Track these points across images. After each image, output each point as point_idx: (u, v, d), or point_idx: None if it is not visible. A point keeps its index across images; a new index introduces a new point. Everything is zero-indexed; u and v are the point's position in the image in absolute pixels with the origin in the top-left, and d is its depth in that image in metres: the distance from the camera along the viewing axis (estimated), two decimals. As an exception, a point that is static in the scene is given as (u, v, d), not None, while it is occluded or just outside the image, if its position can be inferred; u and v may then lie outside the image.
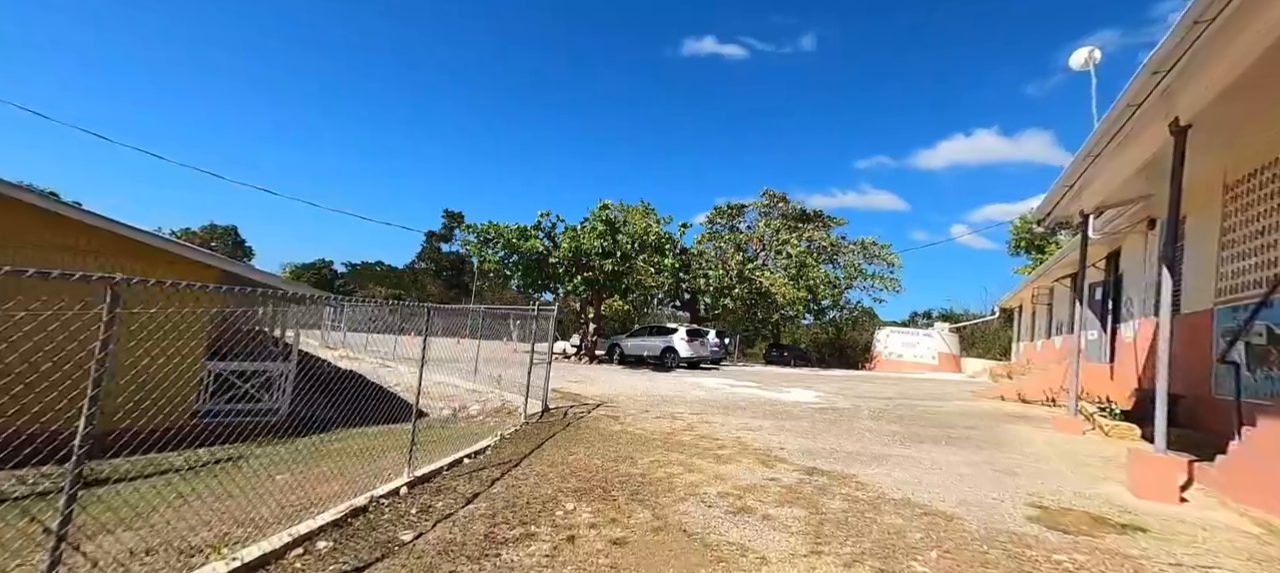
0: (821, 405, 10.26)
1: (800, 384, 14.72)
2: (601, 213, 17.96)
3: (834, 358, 40.74)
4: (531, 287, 19.92)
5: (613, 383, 12.89)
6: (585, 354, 19.72)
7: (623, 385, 12.42)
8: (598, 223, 18.00)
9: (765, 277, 22.92)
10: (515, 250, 18.55)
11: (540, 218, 19.07)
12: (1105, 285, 11.94)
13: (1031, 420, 9.16)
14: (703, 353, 19.71)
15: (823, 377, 18.55)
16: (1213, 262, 7.29)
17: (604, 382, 13.09)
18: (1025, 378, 11.97)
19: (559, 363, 18.57)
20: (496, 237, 18.64)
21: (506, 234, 18.33)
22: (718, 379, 15.30)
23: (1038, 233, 36.32)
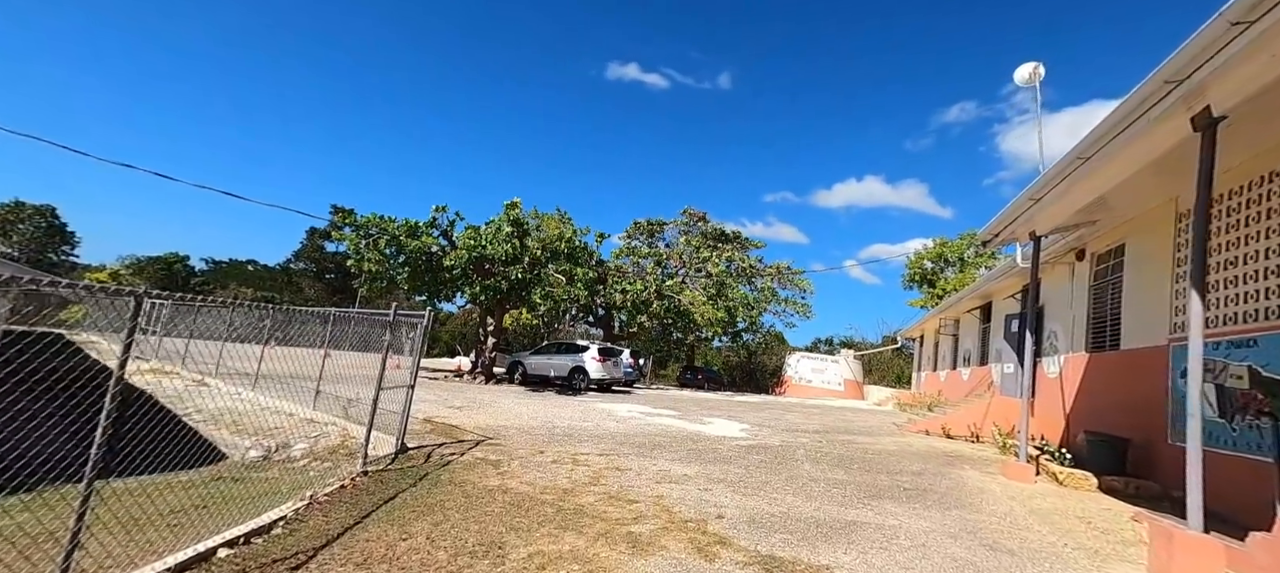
0: (751, 442, 8.82)
1: (721, 413, 13.37)
2: (509, 213, 15.69)
3: (745, 381, 40.81)
4: (419, 291, 17.02)
5: (507, 410, 10.64)
6: (481, 373, 17.09)
7: (518, 413, 10.23)
8: (504, 224, 15.70)
9: (685, 295, 21.79)
10: (402, 249, 15.67)
11: (435, 213, 16.39)
12: (1022, 317, 11.85)
13: (974, 463, 8.32)
14: (616, 374, 17.89)
15: (741, 404, 17.47)
16: (1165, 293, 6.80)
17: (496, 408, 10.80)
18: (952, 412, 11.47)
19: (448, 384, 15.83)
20: (380, 232, 15.65)
21: (392, 229, 15.42)
22: (632, 405, 13.54)
23: (929, 269, 39.25)
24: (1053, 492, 6.53)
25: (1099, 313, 8.72)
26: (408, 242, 15.47)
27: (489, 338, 17.33)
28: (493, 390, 14.79)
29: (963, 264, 38.12)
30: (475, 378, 16.89)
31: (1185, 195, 6.59)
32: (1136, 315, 7.45)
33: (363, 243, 15.65)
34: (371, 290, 17.98)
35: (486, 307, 17.76)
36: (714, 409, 14.12)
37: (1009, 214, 7.41)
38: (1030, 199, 6.54)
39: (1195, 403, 4.04)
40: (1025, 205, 6.81)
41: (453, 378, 17.13)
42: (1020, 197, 6.85)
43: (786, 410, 15.35)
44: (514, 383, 17.76)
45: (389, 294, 17.68)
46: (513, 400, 12.51)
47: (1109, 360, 8.15)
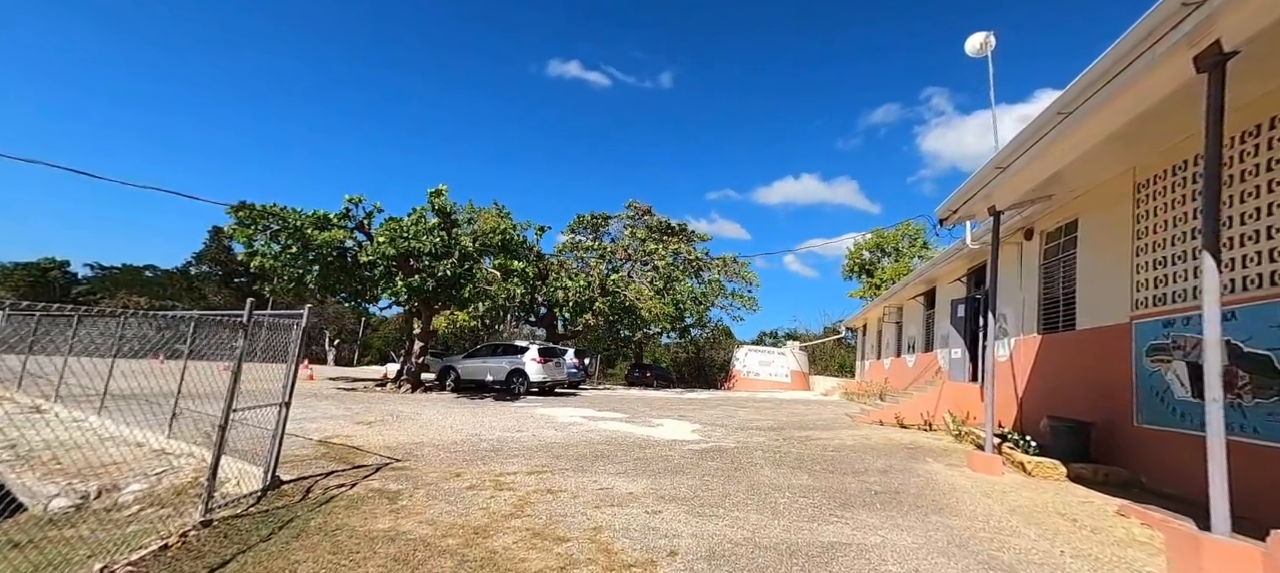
0: (705, 445, 7.98)
1: (671, 412, 12.53)
2: (433, 202, 14.09)
3: (694, 377, 40.51)
4: (334, 293, 15.08)
5: (428, 422, 9.27)
6: (407, 381, 15.39)
7: (441, 426, 8.90)
8: (427, 214, 14.10)
9: (631, 290, 20.86)
10: (308, 244, 13.73)
11: (348, 204, 14.51)
12: (968, 301, 11.77)
13: (936, 454, 7.87)
14: (558, 376, 16.69)
15: (692, 401, 16.75)
16: (1125, 269, 6.51)
17: (416, 421, 9.40)
18: (905, 400, 11.18)
19: (366, 395, 14.09)
20: (280, 225, 13.63)
21: (293, 221, 13.45)
22: (575, 409, 12.43)
23: (867, 259, 40.48)
24: (1024, 484, 6.08)
25: (1050, 293, 8.53)
26: (315, 235, 13.56)
27: (415, 342, 15.63)
28: (418, 400, 13.23)
29: (898, 254, 39.63)
30: (400, 386, 15.18)
31: (1143, 166, 6.31)
32: (1093, 293, 7.20)
33: (259, 237, 13.57)
34: (278, 292, 15.80)
35: (412, 307, 16.05)
36: (663, 409, 13.26)
37: (970, 188, 6.94)
38: (996, 168, 6.04)
39: (1215, 386, 3.49)
40: (990, 176, 6.33)
41: (374, 388, 15.34)
42: (984, 168, 6.36)
43: (738, 406, 14.74)
44: (445, 390, 16.17)
45: (299, 297, 15.58)
46: (438, 410, 11.08)
47: (1064, 341, 7.93)
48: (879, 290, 36.62)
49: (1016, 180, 6.27)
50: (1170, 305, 5.70)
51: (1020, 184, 6.44)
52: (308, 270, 14.48)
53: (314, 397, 12.64)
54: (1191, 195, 5.54)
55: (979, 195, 7.02)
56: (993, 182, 6.36)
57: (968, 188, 6.95)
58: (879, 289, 36.70)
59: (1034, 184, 6.35)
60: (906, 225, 40.36)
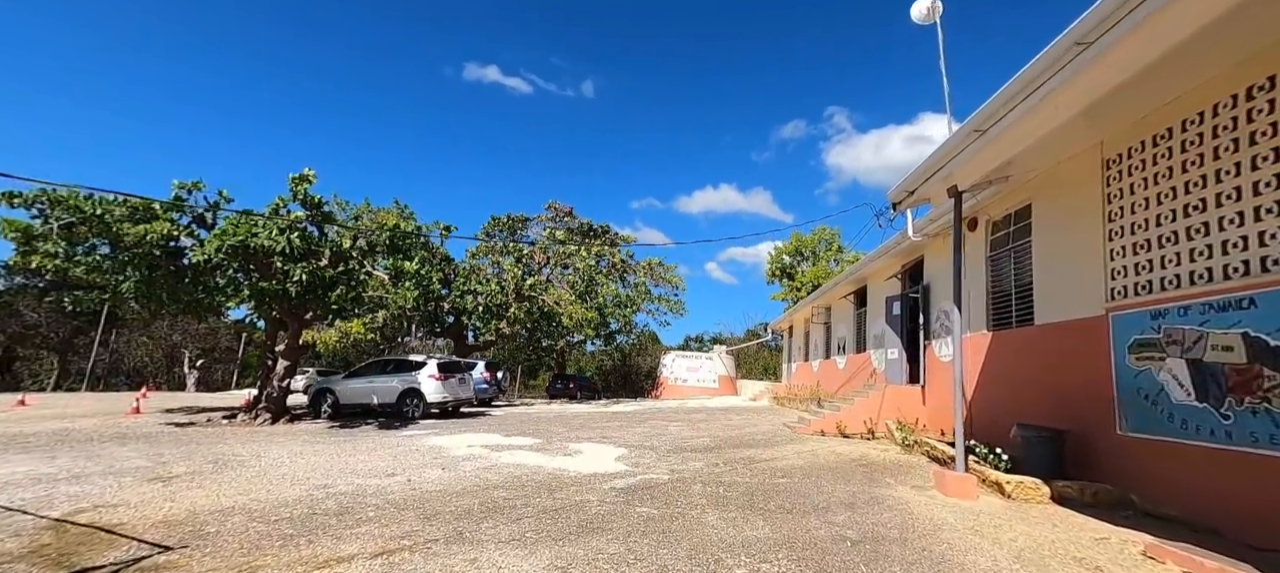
0: (632, 480, 6.41)
1: (593, 432, 10.85)
2: (296, 189, 11.41)
3: (620, 386, 39.02)
4: (159, 302, 11.84)
5: (262, 472, 6.91)
6: (267, 409, 12.45)
7: (278, 476, 6.60)
8: (293, 204, 11.39)
9: (550, 294, 18.97)
10: (117, 240, 10.55)
11: (180, 190, 11.42)
12: (904, 299, 11.23)
13: (895, 473, 6.86)
14: (462, 394, 14.43)
15: (617, 416, 15.15)
16: (1097, 255, 5.80)
17: (246, 470, 6.99)
18: (846, 408, 10.32)
19: (207, 429, 11.10)
20: (76, 216, 10.34)
21: (92, 209, 10.25)
22: (478, 435, 10.39)
23: (788, 263, 41.30)
24: (1010, 512, 5.10)
25: (1000, 286, 7.91)
26: (127, 229, 10.42)
27: (279, 361, 12.70)
28: (274, 435, 10.52)
29: (815, 257, 40.80)
30: (257, 417, 12.21)
31: (1111, 140, 5.63)
32: (1056, 284, 6.53)
33: (41, 229, 10.16)
34: (81, 304, 12.23)
35: (275, 319, 13.11)
36: (585, 428, 11.54)
37: (932, 163, 5.98)
38: (974, 132, 5.05)
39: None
40: (960, 145, 5.35)
41: (223, 421, 12.22)
42: (954, 135, 5.37)
43: (668, 420, 13.35)
44: (320, 418, 13.35)
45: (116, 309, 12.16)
46: (291, 449, 8.61)
47: (1019, 339, 7.26)
48: (800, 293, 37.41)
49: (987, 152, 5.35)
50: (1159, 294, 4.97)
51: (987, 160, 5.54)
52: (121, 275, 11.22)
53: (121, 438, 9.57)
54: (1199, 158, 4.79)
55: (939, 174, 6.09)
56: (963, 153, 5.40)
57: (929, 164, 5.99)
58: (800, 292, 37.49)
59: (1004, 158, 5.46)
60: (822, 230, 41.72)
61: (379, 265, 12.46)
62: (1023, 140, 5.05)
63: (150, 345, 42.26)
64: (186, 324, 41.13)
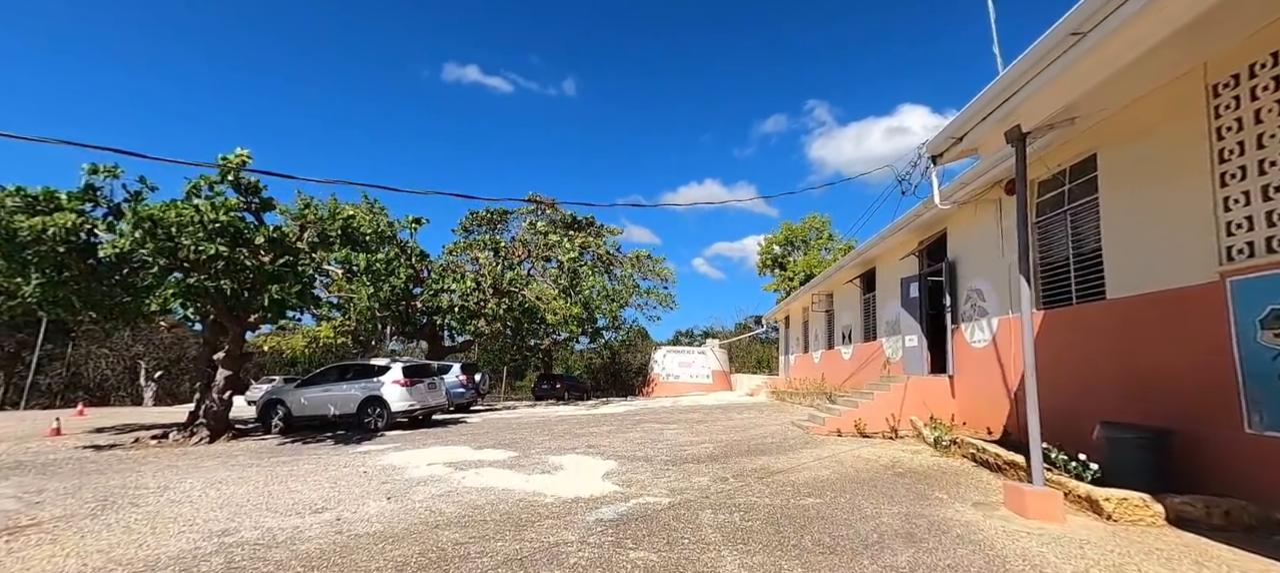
0: (623, 505, 5.09)
1: (579, 440, 9.52)
2: (225, 169, 9.84)
3: (610, 385, 37.69)
4: (66, 306, 10.22)
5: (160, 510, 5.47)
6: (204, 427, 10.89)
7: (176, 518, 5.17)
8: (207, 187, 9.81)
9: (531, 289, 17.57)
10: (11, 235, 8.92)
11: (89, 176, 9.80)
12: (922, 279, 10.05)
13: (942, 483, 5.64)
14: (433, 401, 12.98)
15: (606, 419, 13.81)
16: (1202, 205, 4.60)
17: (128, 512, 5.55)
18: (865, 403, 9.11)
19: (128, 453, 9.54)
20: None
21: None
22: (444, 449, 8.99)
23: (779, 253, 40.27)
24: (1127, 544, 3.87)
25: (1051, 256, 6.72)
26: (21, 222, 8.79)
27: (218, 370, 11.13)
28: (202, 457, 9.02)
29: (806, 246, 39.83)
30: (192, 435, 10.64)
31: (1219, 61, 4.41)
32: (1136, 248, 5.33)
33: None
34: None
35: (214, 323, 11.52)
36: (570, 435, 10.19)
37: (993, 96, 4.73)
38: (1072, 34, 3.78)
39: None
40: (1040, 64, 4.09)
41: (151, 441, 10.63)
42: (1035, 50, 4.11)
43: (663, 422, 12.05)
44: (270, 433, 11.82)
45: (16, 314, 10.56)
46: (209, 478, 7.14)
47: (1083, 317, 6.07)
48: (793, 283, 36.39)
49: (1072, 75, 4.10)
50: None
51: (1074, 81, 4.28)
52: (21, 277, 9.61)
53: (7, 469, 8.02)
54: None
55: (999, 112, 4.84)
56: (1038, 79, 4.14)
57: (989, 96, 4.74)
58: (793, 282, 36.47)
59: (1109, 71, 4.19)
60: (813, 218, 40.76)
61: (331, 260, 10.94)
62: (1127, 51, 3.80)
63: (111, 357, 39.92)
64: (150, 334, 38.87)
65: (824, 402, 11.71)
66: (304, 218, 11.30)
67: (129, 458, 8.99)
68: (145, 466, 8.24)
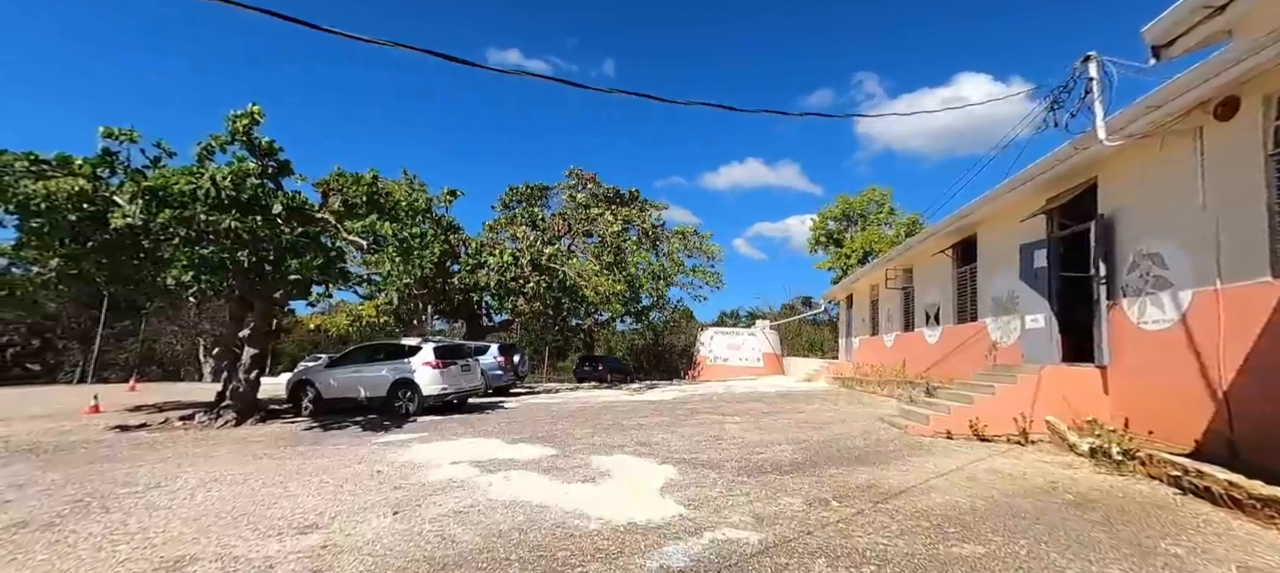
0: (696, 539, 3.67)
1: (626, 432, 8.19)
2: (238, 123, 8.91)
3: (653, 366, 36.47)
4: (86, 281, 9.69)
5: (109, 525, 4.49)
6: (229, 409, 10.27)
7: (124, 533, 4.15)
8: (218, 147, 8.89)
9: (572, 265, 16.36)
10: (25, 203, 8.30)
11: (105, 139, 9.08)
12: (1050, 245, 8.04)
13: (1159, 525, 3.91)
14: (468, 384, 11.98)
15: (655, 407, 12.47)
16: None
17: (97, 519, 4.60)
18: (983, 398, 7.30)
19: (155, 435, 8.93)
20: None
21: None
22: (473, 442, 7.86)
23: (834, 229, 37.57)
24: None
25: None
26: (29, 187, 8.15)
27: (245, 349, 10.47)
28: (219, 443, 8.27)
29: (865, 221, 36.95)
30: (217, 418, 10.03)
31: None
32: None
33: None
34: (16, 290, 10.21)
35: (239, 298, 10.84)
36: (616, 427, 8.88)
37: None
38: None
39: None
40: None
41: (177, 423, 10.08)
42: None
43: (721, 412, 10.56)
44: (300, 417, 11.14)
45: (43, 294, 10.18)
46: (212, 472, 6.23)
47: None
48: (850, 260, 33.79)
49: None
50: None
51: None
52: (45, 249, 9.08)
53: (29, 452, 7.46)
54: None
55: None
56: None
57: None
58: (849, 259, 33.88)
59: None
60: (871, 190, 37.76)
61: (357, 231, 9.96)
62: None
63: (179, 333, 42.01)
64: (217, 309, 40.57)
65: (916, 393, 9.89)
66: (328, 184, 10.34)
67: (145, 443, 8.35)
68: (154, 452, 7.50)
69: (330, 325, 25.88)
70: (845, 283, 20.83)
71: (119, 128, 9.29)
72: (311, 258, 9.32)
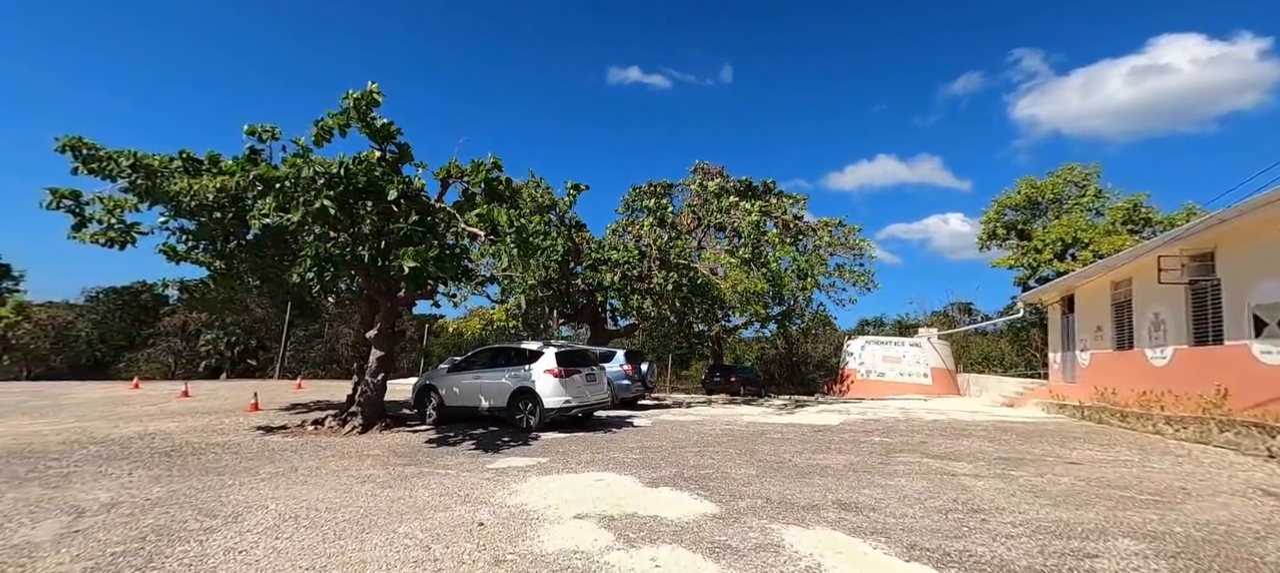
0: None
1: (809, 481, 5.78)
2: (356, 108, 8.22)
3: (786, 378, 32.90)
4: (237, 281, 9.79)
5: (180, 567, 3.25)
6: (356, 414, 9.76)
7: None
8: (336, 126, 8.24)
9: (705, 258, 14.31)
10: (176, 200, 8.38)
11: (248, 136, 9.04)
12: None
13: None
14: (593, 397, 10.37)
15: (827, 437, 9.79)
16: None
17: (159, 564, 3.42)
18: None
19: (288, 440, 8.55)
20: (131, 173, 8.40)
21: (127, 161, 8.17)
22: (600, 480, 6.04)
23: (1016, 220, 30.79)
24: None
25: None
26: (180, 185, 8.18)
27: (372, 352, 9.98)
28: (344, 454, 7.48)
29: (1060, 207, 29.71)
30: (345, 424, 9.58)
31: None
32: None
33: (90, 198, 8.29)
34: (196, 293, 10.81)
35: (366, 297, 10.42)
36: (789, 471, 6.47)
37: None
38: None
39: None
40: None
41: (310, 428, 9.80)
42: None
43: (934, 455, 7.57)
44: (424, 423, 10.42)
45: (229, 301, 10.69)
46: (309, 499, 5.11)
47: None
48: (1042, 255, 27.18)
49: None
50: None
51: None
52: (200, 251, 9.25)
53: (134, 456, 7.25)
54: None
55: None
56: None
57: None
58: (1041, 254, 27.26)
59: None
60: (1069, 169, 30.43)
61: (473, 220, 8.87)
62: None
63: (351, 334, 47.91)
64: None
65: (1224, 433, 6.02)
66: (447, 171, 9.43)
67: (270, 450, 7.86)
68: (269, 464, 6.81)
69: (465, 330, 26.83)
70: (1060, 282, 15.95)
71: (262, 125, 9.23)
72: (424, 249, 8.32)
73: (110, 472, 6.25)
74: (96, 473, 6.19)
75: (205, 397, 15.21)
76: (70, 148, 8.32)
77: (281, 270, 10.29)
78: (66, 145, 8.23)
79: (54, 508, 4.84)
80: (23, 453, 7.21)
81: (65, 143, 8.21)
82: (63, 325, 38.21)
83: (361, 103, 8.16)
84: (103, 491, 5.46)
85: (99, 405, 12.76)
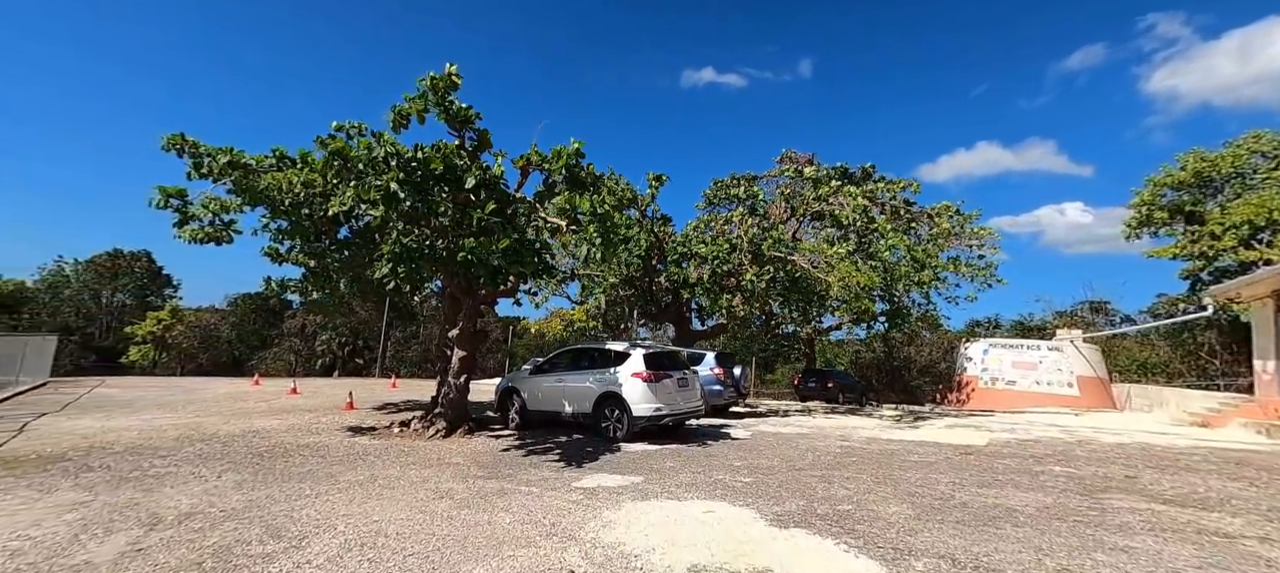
0: None
1: (998, 527, 4.30)
2: (434, 90, 7.76)
3: (886, 386, 29.85)
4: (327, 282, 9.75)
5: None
6: (440, 417, 9.38)
7: None
8: (413, 111, 7.78)
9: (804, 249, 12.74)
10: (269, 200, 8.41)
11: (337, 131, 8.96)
12: None
13: None
14: (686, 404, 9.26)
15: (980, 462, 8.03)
16: None
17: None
18: None
19: (373, 443, 8.28)
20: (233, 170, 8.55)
21: (227, 157, 8.25)
22: (703, 508, 4.93)
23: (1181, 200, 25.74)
24: None
25: None
26: (268, 180, 8.16)
27: (454, 353, 9.59)
28: (425, 461, 6.99)
29: (1244, 183, 24.31)
30: (429, 426, 9.23)
31: None
32: None
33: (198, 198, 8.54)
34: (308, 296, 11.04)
35: (450, 296, 10.09)
36: (958, 513, 4.98)
37: None
38: None
39: None
40: None
41: (395, 431, 9.57)
42: None
43: (1162, 501, 5.65)
44: (507, 427, 9.88)
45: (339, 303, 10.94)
46: (379, 513, 4.48)
47: None
48: (1219, 243, 22.33)
49: None
50: None
51: None
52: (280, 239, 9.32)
53: (231, 457, 7.14)
54: None
55: None
56: None
57: None
58: (1219, 241, 22.41)
59: None
60: (1254, 137, 24.95)
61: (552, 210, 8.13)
62: None
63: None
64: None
65: None
66: (528, 159, 8.78)
67: (355, 453, 7.55)
68: (351, 471, 6.40)
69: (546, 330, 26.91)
70: (1271, 272, 12.57)
71: (350, 122, 9.12)
72: (498, 239, 7.66)
73: (202, 473, 6.09)
74: (190, 474, 6.05)
75: (310, 395, 15.98)
76: (174, 145, 8.58)
77: (367, 269, 10.20)
78: (171, 143, 8.50)
79: (133, 518, 4.54)
80: (138, 449, 7.39)
81: (169, 141, 8.48)
82: (208, 327, 43.31)
83: (439, 85, 7.68)
84: (186, 496, 5.19)
85: (221, 401, 13.63)
